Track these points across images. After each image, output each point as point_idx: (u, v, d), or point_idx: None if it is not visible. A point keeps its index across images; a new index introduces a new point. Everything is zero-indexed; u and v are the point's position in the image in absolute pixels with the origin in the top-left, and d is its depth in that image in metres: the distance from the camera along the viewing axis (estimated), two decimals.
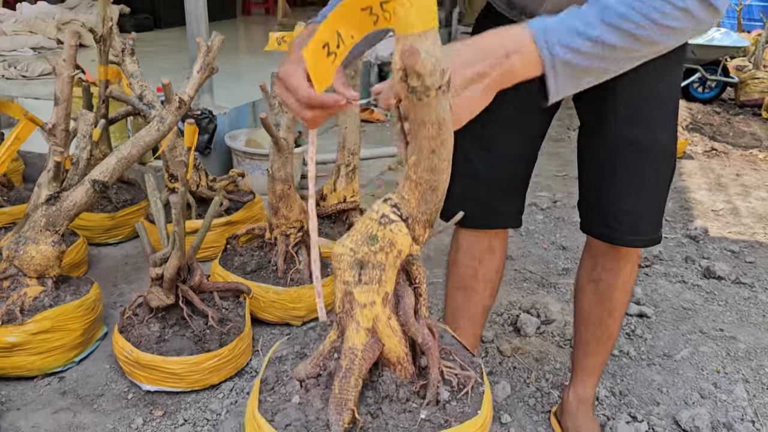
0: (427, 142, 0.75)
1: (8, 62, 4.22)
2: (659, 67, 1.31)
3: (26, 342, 1.76)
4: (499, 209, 1.52)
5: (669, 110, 1.36)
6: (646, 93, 1.32)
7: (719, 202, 3.60)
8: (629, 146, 1.34)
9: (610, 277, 1.51)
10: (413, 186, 0.79)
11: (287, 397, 0.85)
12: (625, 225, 1.39)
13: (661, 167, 1.38)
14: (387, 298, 0.81)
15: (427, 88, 0.71)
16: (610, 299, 1.53)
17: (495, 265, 1.61)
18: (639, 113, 1.33)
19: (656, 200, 1.40)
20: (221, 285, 1.90)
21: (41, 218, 1.89)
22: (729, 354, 2.11)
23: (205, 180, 2.60)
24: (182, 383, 1.74)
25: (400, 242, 0.80)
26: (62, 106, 2.16)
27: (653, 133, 1.34)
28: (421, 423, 0.82)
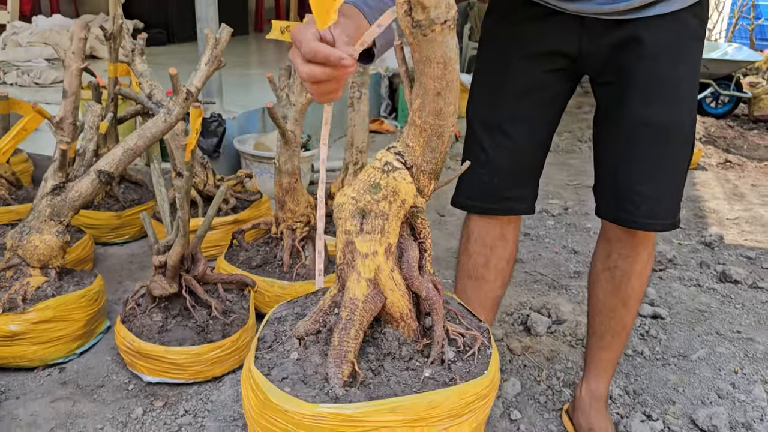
0: (432, 82, 0.72)
1: (22, 70, 4.27)
2: (680, 52, 1.29)
3: (27, 331, 1.73)
4: (511, 196, 1.49)
5: (688, 91, 1.33)
6: (664, 77, 1.30)
7: (735, 211, 3.54)
8: (647, 128, 1.32)
9: (626, 265, 1.47)
10: (418, 132, 0.76)
11: (285, 355, 0.81)
12: (642, 208, 1.36)
13: (679, 150, 1.35)
14: (390, 249, 0.78)
15: (432, 21, 0.68)
16: (626, 288, 1.48)
17: (507, 253, 1.57)
18: (657, 96, 1.30)
19: (673, 183, 1.37)
20: (225, 277, 1.87)
21: (46, 208, 1.87)
22: (747, 355, 2.04)
23: (212, 179, 2.58)
24: (184, 374, 1.70)
25: (403, 191, 0.77)
26: (70, 99, 2.16)
27: (672, 114, 1.31)
28: (424, 380, 0.77)
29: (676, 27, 1.27)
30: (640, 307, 2.24)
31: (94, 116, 2.07)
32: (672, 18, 1.26)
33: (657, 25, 1.26)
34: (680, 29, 1.27)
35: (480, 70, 1.47)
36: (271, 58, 5.83)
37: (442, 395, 0.75)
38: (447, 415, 0.75)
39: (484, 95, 1.44)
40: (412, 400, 0.74)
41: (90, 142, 2.03)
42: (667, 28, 1.26)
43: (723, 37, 11.57)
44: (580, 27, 1.31)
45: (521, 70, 1.38)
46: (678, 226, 1.40)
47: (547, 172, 3.84)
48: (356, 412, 0.72)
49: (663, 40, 1.27)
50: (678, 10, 1.26)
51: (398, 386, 0.76)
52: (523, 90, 1.40)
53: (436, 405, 0.74)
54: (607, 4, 1.25)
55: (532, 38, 1.37)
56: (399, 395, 0.74)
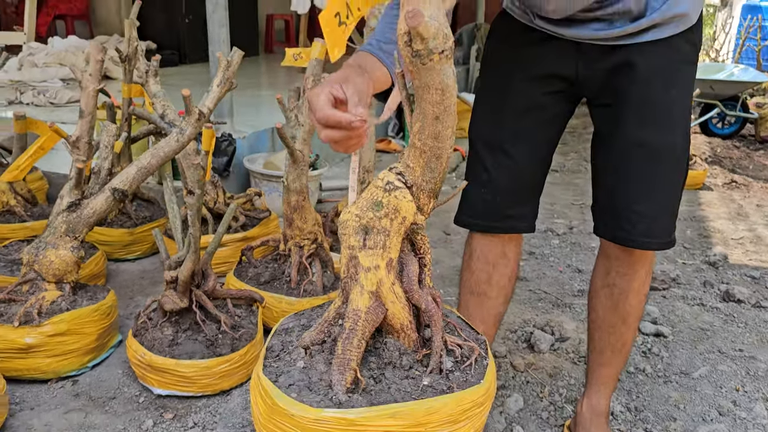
0: (431, 107, 0.77)
1: (38, 90, 4.37)
2: (672, 76, 1.35)
3: (42, 344, 1.78)
4: (513, 215, 1.54)
5: (680, 114, 1.38)
6: (657, 100, 1.35)
7: (739, 231, 3.57)
8: (640, 148, 1.37)
9: (624, 282, 1.50)
10: (418, 154, 0.81)
11: (292, 363, 0.86)
12: (638, 227, 1.40)
13: (673, 170, 1.40)
14: (391, 263, 0.82)
15: (431, 51, 0.73)
16: (624, 304, 1.52)
17: (508, 271, 1.61)
18: (650, 118, 1.35)
19: (669, 203, 1.42)
20: (234, 292, 1.92)
21: (62, 224, 1.93)
22: (749, 373, 2.06)
23: (222, 197, 2.64)
24: (193, 387, 1.74)
25: (404, 209, 0.82)
26: (86, 119, 2.23)
27: (664, 135, 1.36)
28: (423, 388, 0.81)
29: (668, 52, 1.32)
30: (642, 325, 2.28)
31: (109, 136, 2.14)
32: (664, 44, 1.31)
33: (650, 51, 1.31)
34: (672, 54, 1.33)
35: (482, 91, 1.53)
36: (281, 79, 5.93)
37: (440, 402, 0.79)
38: (445, 421, 0.79)
39: (486, 116, 1.50)
40: (412, 406, 0.78)
41: (105, 161, 2.09)
42: (659, 53, 1.32)
43: (730, 58, 11.63)
44: (577, 52, 1.36)
45: (522, 92, 1.44)
46: (674, 244, 1.44)
47: (552, 192, 3.89)
48: (358, 416, 0.76)
49: (655, 64, 1.32)
50: (670, 36, 1.31)
51: (398, 393, 0.81)
52: (524, 110, 1.46)
53: (434, 411, 0.78)
54: (602, 31, 1.31)
55: (531, 61, 1.43)
56: (399, 402, 0.79)
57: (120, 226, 2.67)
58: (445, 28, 0.74)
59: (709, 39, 14.38)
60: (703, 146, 5.74)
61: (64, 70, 5.19)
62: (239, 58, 2.07)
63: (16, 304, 1.86)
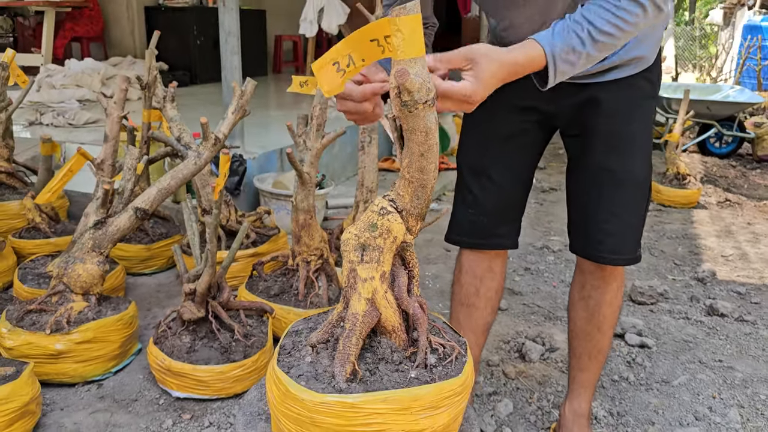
0: (417, 146, 0.94)
1: (57, 112, 4.57)
2: (633, 111, 1.52)
3: (71, 350, 1.94)
4: (496, 232, 1.70)
5: (641, 144, 1.55)
6: (620, 131, 1.52)
7: (729, 248, 3.70)
8: (606, 174, 1.54)
9: (597, 294, 1.66)
10: (407, 184, 0.97)
11: (301, 358, 1.01)
12: (606, 245, 1.56)
13: (636, 193, 1.55)
14: (384, 275, 0.98)
15: (416, 102, 0.90)
16: (598, 315, 1.68)
17: (495, 284, 1.77)
18: (615, 148, 1.52)
19: (633, 222, 1.57)
20: (247, 304, 2.08)
21: (89, 240, 2.10)
22: (725, 382, 2.20)
23: (234, 215, 2.81)
24: (209, 390, 1.90)
25: (395, 230, 0.98)
26: (110, 143, 2.41)
27: (626, 162, 1.53)
28: (410, 379, 0.97)
29: (629, 90, 1.49)
30: (628, 337, 2.43)
31: (132, 159, 2.31)
32: (625, 82, 1.48)
33: (612, 88, 1.49)
34: (633, 92, 1.50)
35: (468, 119, 1.69)
36: (289, 100, 6.12)
37: (423, 390, 0.94)
38: (427, 407, 0.94)
39: (472, 143, 1.67)
40: (400, 393, 0.93)
41: (128, 182, 2.27)
42: (621, 90, 1.49)
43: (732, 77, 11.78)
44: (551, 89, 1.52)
45: (504, 121, 1.61)
46: (639, 260, 1.61)
47: (550, 210, 4.06)
48: (356, 401, 0.92)
49: (618, 100, 1.49)
50: (630, 76, 1.49)
51: (389, 383, 0.96)
52: (507, 137, 1.62)
53: (418, 398, 0.94)
54: None
55: (515, 94, 1.58)
56: (390, 389, 0.94)
57: (138, 242, 2.84)
58: (428, 83, 0.91)
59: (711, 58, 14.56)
60: (699, 165, 5.89)
61: (80, 91, 5.41)
62: (252, 88, 2.24)
63: (46, 314, 2.02)
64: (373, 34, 0.92)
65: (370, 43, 0.93)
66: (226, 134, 2.26)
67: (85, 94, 5.40)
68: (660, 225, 4.08)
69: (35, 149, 3.77)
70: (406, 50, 0.88)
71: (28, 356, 1.90)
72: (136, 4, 7.17)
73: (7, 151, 3.02)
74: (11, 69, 2.96)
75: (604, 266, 1.60)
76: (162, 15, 7.14)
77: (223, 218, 2.77)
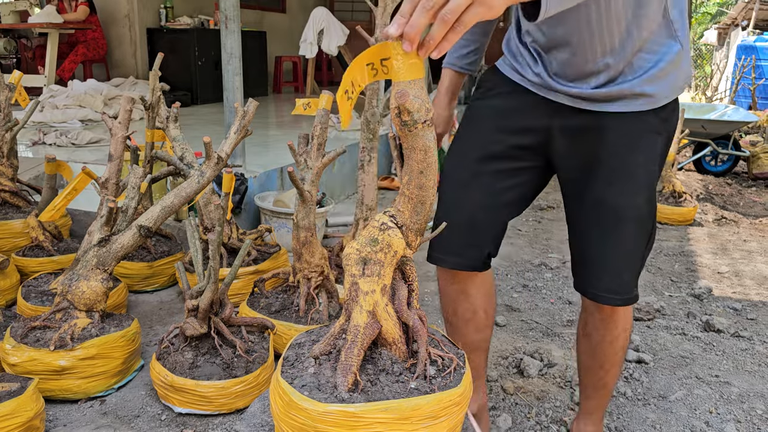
0: (416, 164, 0.98)
1: (60, 132, 4.63)
2: (638, 140, 1.46)
3: (74, 366, 1.96)
4: (460, 252, 1.61)
5: (645, 179, 1.47)
6: (622, 161, 1.45)
7: (724, 265, 3.74)
8: (604, 208, 1.47)
9: (598, 334, 1.64)
10: (406, 200, 1.01)
11: (304, 369, 1.04)
12: (602, 283, 1.51)
13: (636, 230, 1.48)
14: (385, 289, 1.01)
15: (415, 122, 0.94)
16: (600, 353, 1.67)
17: (472, 307, 1.70)
18: (614, 179, 1.46)
19: (631, 261, 1.51)
20: (248, 320, 2.11)
21: (93, 258, 2.13)
22: (722, 397, 2.22)
23: (236, 233, 2.85)
24: (211, 406, 1.92)
25: (395, 244, 1.01)
26: (115, 162, 2.45)
27: (627, 198, 1.46)
28: (410, 390, 1.00)
29: (635, 122, 1.44)
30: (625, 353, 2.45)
31: (136, 177, 2.35)
32: (631, 116, 1.44)
33: (617, 119, 1.44)
34: (639, 125, 1.45)
35: (459, 132, 1.66)
36: (289, 120, 6.19)
37: (423, 400, 0.97)
38: (427, 416, 0.97)
39: (455, 154, 1.63)
40: (400, 402, 0.96)
41: (132, 200, 2.31)
42: (626, 122, 1.44)
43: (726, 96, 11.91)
44: (551, 110, 1.50)
45: (492, 139, 1.56)
46: (636, 300, 1.55)
47: (547, 228, 4.10)
48: (358, 410, 0.94)
49: (622, 131, 1.44)
50: (638, 111, 1.44)
51: (390, 393, 0.99)
52: (489, 156, 1.56)
53: (419, 408, 0.96)
54: (575, 88, 1.45)
55: (508, 112, 1.56)
56: (390, 399, 0.97)
57: (140, 260, 2.87)
58: (426, 103, 0.95)
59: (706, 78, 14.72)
60: (696, 183, 5.95)
61: (83, 112, 5.47)
62: (254, 109, 2.29)
63: (50, 330, 2.05)
64: (370, 58, 0.96)
65: (366, 66, 0.97)
66: (229, 153, 2.30)
67: (87, 114, 5.46)
68: (657, 242, 4.12)
69: (39, 169, 3.82)
70: (406, 72, 0.92)
71: (32, 372, 1.93)
72: (138, 26, 7.28)
73: (11, 170, 3.06)
74: (17, 90, 3.01)
75: (603, 306, 1.57)
76: (164, 36, 7.24)
77: (224, 236, 2.80)
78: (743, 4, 14.56)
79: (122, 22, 7.31)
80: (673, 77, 1.44)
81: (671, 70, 1.43)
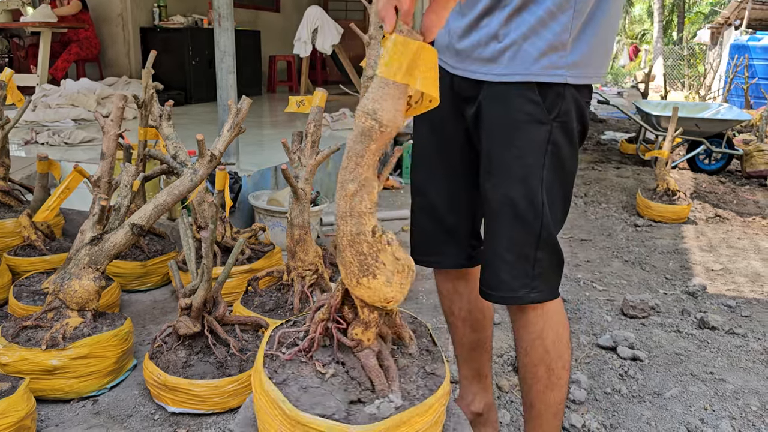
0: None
1: (52, 131, 4.60)
2: (510, 133, 1.36)
3: (66, 366, 1.95)
4: (440, 251, 1.60)
5: (521, 173, 1.36)
6: (497, 153, 1.38)
7: (718, 263, 3.74)
8: (486, 202, 1.43)
9: (517, 342, 1.52)
10: None
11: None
12: (483, 276, 1.45)
13: (512, 225, 1.38)
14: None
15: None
16: (520, 365, 1.54)
17: (466, 305, 1.68)
18: (489, 169, 1.40)
19: (508, 259, 1.39)
20: (242, 318, 2.10)
21: (85, 257, 2.12)
22: (717, 394, 2.22)
23: (229, 232, 2.83)
24: (204, 405, 1.91)
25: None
26: (107, 160, 2.43)
27: (501, 191, 1.38)
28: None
29: (506, 105, 1.34)
30: (620, 349, 2.44)
31: (128, 176, 2.34)
32: (505, 92, 1.34)
33: (492, 95, 1.36)
34: (512, 110, 1.34)
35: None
36: (283, 119, 6.17)
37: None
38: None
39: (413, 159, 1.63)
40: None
41: (125, 199, 2.29)
42: (498, 102, 1.35)
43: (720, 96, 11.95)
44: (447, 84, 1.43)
45: (435, 130, 1.53)
46: (521, 302, 1.40)
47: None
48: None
49: (497, 114, 1.36)
50: (512, 84, 1.33)
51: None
52: (435, 150, 1.53)
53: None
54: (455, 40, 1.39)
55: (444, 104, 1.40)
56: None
57: (134, 259, 2.86)
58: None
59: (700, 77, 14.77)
60: (689, 182, 5.96)
61: (75, 111, 5.44)
62: (248, 107, 2.28)
63: (42, 330, 2.03)
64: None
65: None
66: (222, 151, 2.29)
67: (80, 113, 5.43)
68: (651, 240, 4.12)
69: (31, 168, 3.80)
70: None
71: (23, 372, 1.91)
72: (131, 25, 7.25)
73: (2, 169, 3.04)
74: (9, 89, 2.99)
75: (509, 306, 1.47)
76: (157, 35, 7.21)
77: (218, 235, 2.79)
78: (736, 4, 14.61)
79: (115, 21, 7.27)
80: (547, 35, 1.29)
81: (546, 22, 1.28)
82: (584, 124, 1.44)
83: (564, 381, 1.53)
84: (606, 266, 3.57)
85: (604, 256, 3.73)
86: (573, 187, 1.56)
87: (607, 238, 4.13)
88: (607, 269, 3.52)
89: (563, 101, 1.36)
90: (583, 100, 1.41)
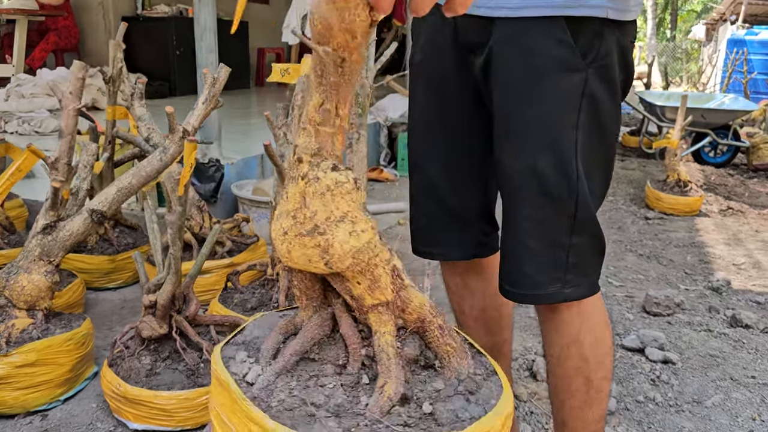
0: None
1: (22, 119, 4.30)
2: (540, 77, 1.08)
3: (9, 375, 1.65)
4: (437, 241, 1.34)
5: (548, 136, 1.09)
6: (515, 112, 1.11)
7: (740, 257, 3.48)
8: (503, 176, 1.15)
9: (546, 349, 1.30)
10: None
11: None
12: (503, 271, 1.19)
13: (541, 205, 1.10)
14: None
15: None
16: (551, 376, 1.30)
17: (480, 303, 1.43)
18: (510, 135, 1.12)
19: (534, 246, 1.12)
20: (218, 318, 1.80)
21: (36, 248, 1.82)
22: (764, 401, 1.95)
23: (209, 222, 2.54)
24: (172, 421, 1.61)
25: None
26: (66, 139, 2.13)
27: (523, 161, 1.10)
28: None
29: (531, 49, 1.07)
30: (649, 351, 2.17)
31: (89, 155, 2.04)
32: (526, 33, 1.07)
33: (510, 39, 1.08)
34: (534, 55, 1.07)
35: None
36: (271, 107, 5.88)
37: None
38: None
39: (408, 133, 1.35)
40: None
41: (84, 182, 2.00)
42: (520, 46, 1.08)
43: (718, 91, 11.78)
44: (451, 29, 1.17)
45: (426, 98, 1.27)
46: (550, 301, 1.15)
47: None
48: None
49: (513, 62, 1.09)
50: (534, 20, 1.05)
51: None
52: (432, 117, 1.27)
53: None
54: None
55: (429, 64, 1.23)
56: None
57: (101, 253, 2.56)
58: None
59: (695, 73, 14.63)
60: (697, 174, 5.72)
61: (51, 101, 5.14)
62: (226, 75, 1.99)
63: None
64: None
65: None
66: (196, 127, 2.00)
67: (55, 103, 5.12)
68: (665, 233, 3.86)
69: None
70: None
71: None
72: (113, 14, 6.92)
73: None
74: None
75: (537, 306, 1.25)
76: (140, 25, 6.87)
77: (196, 225, 2.49)
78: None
79: (96, 10, 6.94)
80: None
81: None
82: (628, 71, 1.15)
83: (605, 394, 1.26)
84: (620, 260, 3.29)
85: (617, 250, 3.45)
86: (616, 152, 1.28)
87: (618, 231, 3.87)
88: (621, 263, 3.25)
89: (602, 41, 1.06)
90: (626, 39, 1.12)
